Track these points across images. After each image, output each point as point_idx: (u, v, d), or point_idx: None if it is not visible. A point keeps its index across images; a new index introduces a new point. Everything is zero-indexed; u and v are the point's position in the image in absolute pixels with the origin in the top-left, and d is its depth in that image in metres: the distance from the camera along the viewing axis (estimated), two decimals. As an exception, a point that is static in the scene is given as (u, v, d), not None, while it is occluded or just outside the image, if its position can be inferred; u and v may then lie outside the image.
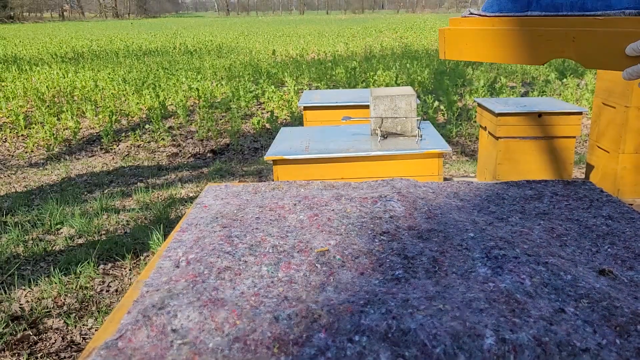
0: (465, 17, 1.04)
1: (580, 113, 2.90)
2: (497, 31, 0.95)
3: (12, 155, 5.13)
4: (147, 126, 6.00)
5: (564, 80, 7.89)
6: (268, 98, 7.24)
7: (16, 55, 14.26)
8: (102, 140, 5.42)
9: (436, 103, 6.32)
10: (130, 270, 2.69)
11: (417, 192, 1.08)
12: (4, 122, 6.27)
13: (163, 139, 5.50)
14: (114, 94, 7.79)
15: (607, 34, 0.80)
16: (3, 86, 8.54)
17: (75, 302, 2.40)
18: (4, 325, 2.20)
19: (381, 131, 2.21)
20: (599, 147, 3.05)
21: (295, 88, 7.69)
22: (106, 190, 4.01)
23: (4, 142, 5.57)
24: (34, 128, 5.93)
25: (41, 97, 7.59)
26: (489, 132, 3.19)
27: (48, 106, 7.04)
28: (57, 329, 2.21)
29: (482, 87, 7.45)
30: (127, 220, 3.32)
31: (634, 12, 0.81)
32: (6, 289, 2.49)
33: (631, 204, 2.82)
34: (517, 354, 0.57)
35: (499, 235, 0.87)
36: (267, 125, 5.98)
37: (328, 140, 2.22)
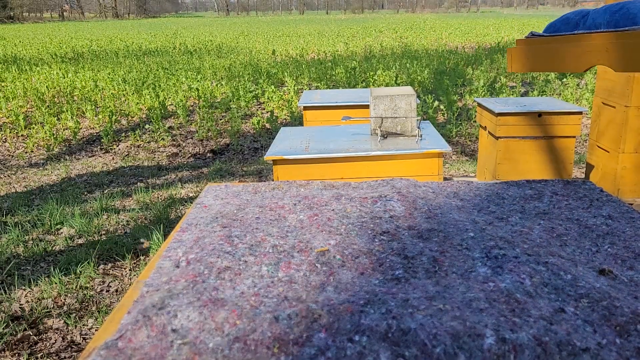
0: (528, 38, 1.27)
1: (580, 113, 2.90)
2: (551, 47, 1.18)
3: (12, 156, 5.13)
4: (147, 126, 6.00)
5: (564, 80, 7.90)
6: (268, 98, 7.24)
7: (16, 55, 14.26)
8: (102, 140, 5.42)
9: (436, 103, 6.32)
10: (130, 270, 2.70)
11: (417, 192, 1.08)
12: (4, 122, 6.27)
13: (163, 139, 5.50)
14: (113, 94, 7.79)
15: (634, 44, 0.99)
16: (3, 86, 8.54)
17: (76, 302, 2.40)
18: (4, 325, 2.20)
19: (381, 131, 2.21)
20: (598, 146, 3.05)
21: (295, 88, 7.69)
22: (106, 191, 4.01)
23: (4, 142, 5.57)
24: (34, 128, 5.93)
25: (41, 97, 7.59)
26: (488, 131, 3.19)
27: (48, 106, 7.04)
28: (57, 329, 2.21)
29: (482, 86, 7.46)
30: (127, 221, 3.32)
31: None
32: (6, 289, 2.49)
33: (631, 204, 2.82)
34: (517, 353, 0.57)
35: (499, 235, 0.87)
36: (267, 125, 5.98)
37: (328, 140, 2.22)
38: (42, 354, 2.06)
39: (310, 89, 8.31)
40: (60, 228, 3.21)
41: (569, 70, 1.18)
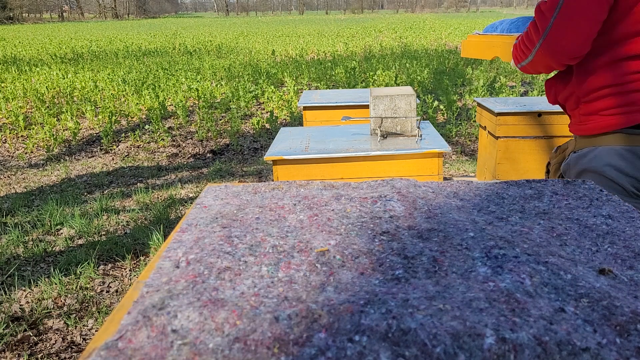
0: (473, 34, 1.85)
1: (579, 112, 2.91)
2: (482, 42, 1.78)
3: (12, 156, 5.13)
4: (146, 127, 6.00)
5: (564, 79, 7.89)
6: (268, 98, 7.24)
7: (16, 56, 14.26)
8: (102, 140, 5.42)
9: (436, 103, 6.32)
10: (130, 270, 2.70)
11: (417, 192, 1.09)
12: (4, 123, 6.27)
13: (163, 139, 5.50)
14: (113, 94, 7.79)
15: (510, 44, 1.51)
16: (3, 87, 8.54)
17: (76, 302, 2.40)
18: (5, 326, 2.20)
19: (381, 131, 2.21)
20: (598, 146, 3.06)
21: (295, 88, 7.69)
22: (106, 191, 4.01)
23: (4, 143, 5.57)
24: (33, 129, 5.93)
25: (41, 97, 7.59)
26: (488, 131, 3.19)
27: (48, 107, 7.04)
28: (57, 329, 2.21)
29: (482, 86, 7.46)
30: (127, 221, 3.32)
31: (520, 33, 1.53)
32: (6, 289, 2.49)
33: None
34: (517, 353, 0.57)
35: (499, 234, 0.88)
36: (267, 126, 5.98)
37: (328, 140, 2.22)
38: (42, 354, 2.06)
39: (310, 89, 8.31)
40: (60, 229, 3.21)
41: (486, 58, 1.76)
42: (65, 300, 2.42)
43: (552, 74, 1.42)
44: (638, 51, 1.15)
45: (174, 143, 5.47)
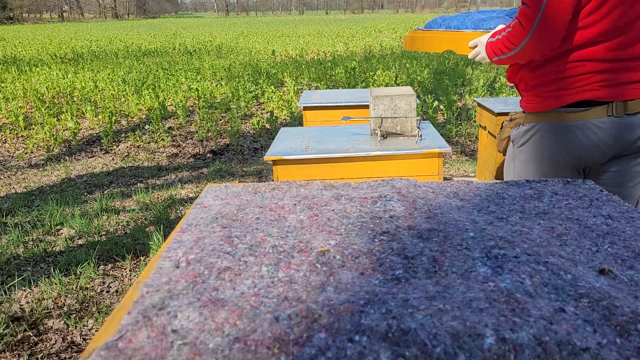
0: (415, 30, 2.04)
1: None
2: (425, 36, 1.98)
3: (12, 156, 5.13)
4: (146, 127, 6.00)
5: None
6: (268, 98, 7.24)
7: (16, 56, 14.26)
8: (102, 140, 5.42)
9: (436, 103, 6.32)
10: (130, 270, 2.70)
11: (417, 192, 1.08)
12: (4, 123, 6.27)
13: (163, 139, 5.51)
14: (113, 94, 7.80)
15: (465, 38, 1.77)
16: (3, 87, 8.54)
17: (76, 302, 2.40)
18: (5, 326, 2.20)
19: (381, 131, 2.21)
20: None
21: (295, 88, 7.69)
22: (106, 191, 4.01)
23: (4, 143, 5.57)
24: (33, 129, 5.93)
25: (41, 97, 7.59)
26: (488, 131, 3.19)
27: (48, 107, 7.04)
28: (57, 329, 2.21)
29: (482, 86, 7.46)
30: (127, 221, 3.32)
31: (474, 30, 1.77)
32: (6, 289, 2.49)
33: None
34: (518, 353, 0.57)
35: (499, 234, 0.88)
36: (267, 126, 5.98)
37: (328, 140, 2.22)
38: (42, 354, 2.06)
39: (310, 89, 8.31)
40: (60, 229, 3.21)
41: (433, 50, 1.97)
42: (65, 300, 2.42)
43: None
44: (570, 47, 1.45)
45: (174, 143, 5.47)
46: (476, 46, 1.69)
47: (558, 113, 1.50)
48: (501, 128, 1.78)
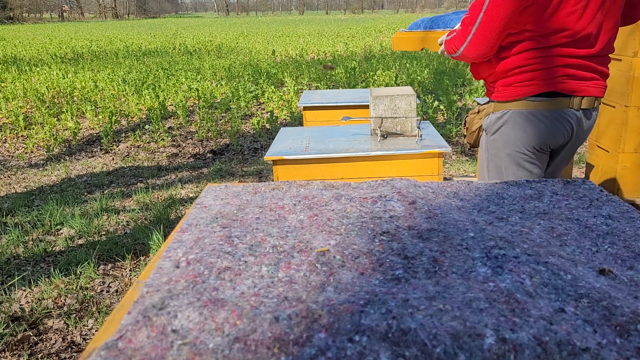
0: (401, 32, 2.21)
1: (580, 112, 2.90)
2: (410, 37, 2.15)
3: (12, 156, 5.14)
4: (147, 126, 6.00)
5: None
6: (268, 98, 7.24)
7: (16, 55, 14.27)
8: (102, 140, 5.42)
9: (436, 103, 6.32)
10: (130, 270, 2.70)
11: (417, 192, 1.08)
12: (4, 123, 6.27)
13: (163, 139, 5.51)
14: (113, 94, 7.80)
15: (435, 37, 2.00)
16: (3, 87, 8.54)
17: (76, 302, 2.40)
18: (4, 326, 2.20)
19: (381, 131, 2.21)
20: (598, 146, 3.05)
21: (295, 88, 7.69)
22: (106, 191, 4.01)
23: (4, 142, 5.57)
24: (33, 129, 5.93)
25: (41, 97, 7.59)
26: (488, 131, 3.18)
27: (48, 107, 7.04)
28: (57, 329, 2.21)
29: (482, 86, 7.46)
30: (127, 221, 3.32)
31: (444, 29, 2.02)
32: (6, 289, 2.49)
33: (632, 203, 2.82)
34: (518, 353, 0.57)
35: (499, 235, 0.88)
36: (267, 126, 5.98)
37: (328, 140, 2.22)
38: (42, 354, 2.06)
39: (310, 89, 8.31)
40: (60, 228, 3.21)
41: (413, 49, 2.16)
42: (65, 300, 2.42)
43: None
44: (544, 43, 1.60)
45: (174, 143, 5.47)
46: (442, 45, 1.89)
47: (528, 101, 1.65)
48: (464, 124, 1.96)
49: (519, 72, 1.65)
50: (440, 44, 1.90)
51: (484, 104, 1.86)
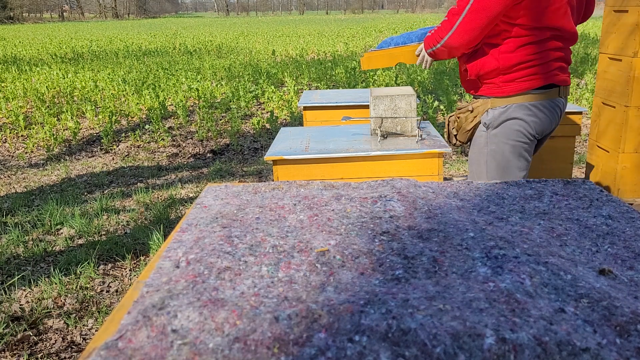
0: (369, 51, 2.22)
1: (580, 113, 2.90)
2: (379, 55, 2.18)
3: (12, 156, 5.14)
4: (147, 126, 6.00)
5: (564, 79, 7.89)
6: (268, 98, 7.24)
7: (16, 55, 14.26)
8: (102, 140, 5.43)
9: (436, 103, 6.32)
10: (130, 270, 2.70)
11: (417, 192, 1.08)
12: (4, 123, 6.27)
13: (163, 139, 5.51)
14: (113, 94, 7.80)
15: (412, 50, 2.06)
16: (3, 87, 8.54)
17: (76, 302, 2.40)
18: (4, 325, 2.20)
19: (381, 131, 2.21)
20: (598, 146, 3.05)
21: (295, 88, 7.69)
22: (106, 191, 4.01)
23: (4, 142, 5.57)
24: (33, 128, 5.93)
25: (41, 97, 7.59)
26: (488, 131, 3.18)
27: (48, 107, 7.04)
28: (57, 329, 2.21)
29: (482, 86, 7.44)
30: (127, 221, 3.32)
31: (419, 42, 2.03)
32: (6, 289, 2.49)
33: (631, 204, 2.82)
34: (517, 353, 0.57)
35: (499, 235, 0.88)
36: (267, 126, 5.98)
37: (328, 140, 2.22)
38: (42, 354, 2.06)
39: (310, 89, 8.31)
40: (60, 228, 3.21)
41: (387, 65, 2.18)
42: (65, 300, 2.42)
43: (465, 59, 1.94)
44: (540, 38, 1.70)
45: (174, 143, 5.47)
46: (419, 55, 2.00)
47: (530, 95, 1.77)
48: (450, 124, 2.03)
49: (522, 68, 1.73)
50: (418, 55, 2.01)
51: (467, 102, 1.96)
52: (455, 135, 2.00)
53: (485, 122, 1.85)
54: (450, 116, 2.03)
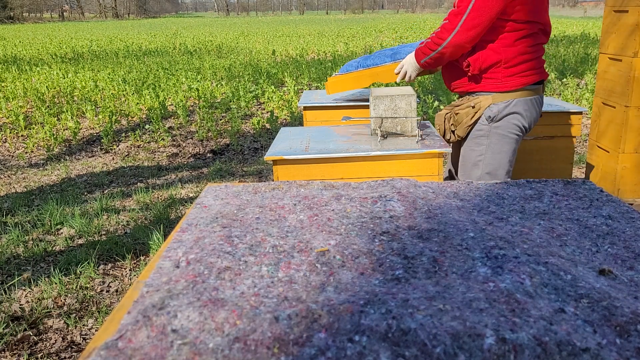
0: (335, 76, 2.46)
1: (580, 113, 2.90)
2: (345, 78, 2.48)
3: (12, 156, 5.14)
4: (147, 126, 6.00)
5: (564, 80, 7.90)
6: (268, 98, 7.24)
7: (16, 55, 14.26)
8: (102, 140, 5.43)
9: (436, 103, 6.32)
10: (130, 270, 2.70)
11: (417, 192, 1.08)
12: (4, 123, 6.27)
13: (163, 139, 5.51)
14: (113, 94, 7.80)
15: (386, 69, 2.30)
16: (3, 86, 8.54)
17: (76, 302, 2.40)
18: (4, 325, 2.20)
19: (381, 131, 2.21)
20: (598, 146, 3.05)
21: (295, 88, 7.69)
22: (106, 191, 4.01)
23: (4, 142, 5.57)
24: (34, 128, 5.93)
25: (41, 97, 7.59)
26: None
27: (48, 106, 7.04)
28: (57, 329, 2.21)
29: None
30: (127, 221, 3.32)
31: (393, 61, 2.26)
32: (6, 289, 2.49)
33: (631, 204, 2.82)
34: (517, 353, 0.57)
35: (499, 235, 0.88)
36: (267, 126, 5.98)
37: (328, 140, 2.22)
38: (42, 354, 2.06)
39: (310, 89, 8.31)
40: (60, 228, 3.21)
41: (360, 87, 2.46)
42: (65, 299, 2.42)
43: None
44: (531, 31, 1.81)
45: (174, 143, 5.47)
46: (400, 72, 2.12)
47: (528, 90, 1.89)
48: (445, 119, 2.10)
49: (522, 61, 1.84)
50: (398, 73, 2.13)
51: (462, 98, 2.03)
52: (453, 132, 2.07)
53: (490, 115, 1.93)
54: (447, 113, 2.09)
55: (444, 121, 2.10)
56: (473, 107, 1.96)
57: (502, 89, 1.88)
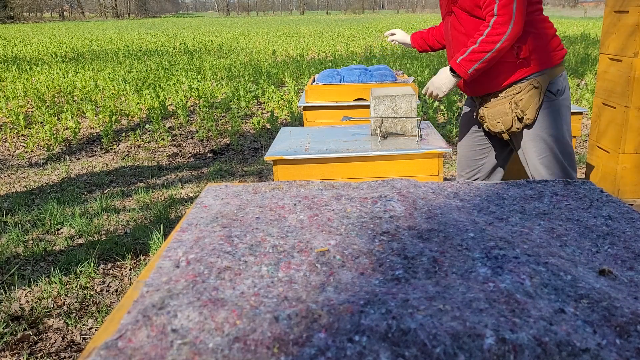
0: (314, 84, 2.62)
1: (580, 113, 2.90)
2: (325, 89, 2.74)
3: (12, 156, 5.14)
4: (147, 126, 6.00)
5: (564, 80, 7.89)
6: (268, 98, 7.24)
7: (16, 55, 14.26)
8: (102, 140, 5.43)
9: (436, 103, 6.32)
10: (130, 270, 2.70)
11: (417, 192, 1.08)
12: (4, 122, 6.27)
13: (163, 139, 5.51)
14: (114, 94, 7.80)
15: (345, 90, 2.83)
16: (3, 86, 8.54)
17: (76, 302, 2.40)
18: (4, 325, 2.20)
19: (381, 131, 2.21)
20: (599, 147, 3.05)
21: (296, 88, 7.69)
22: (106, 190, 4.01)
23: (4, 142, 5.57)
24: (34, 128, 5.93)
25: (41, 97, 7.59)
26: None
27: (48, 106, 7.04)
28: (57, 329, 2.21)
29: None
30: (127, 221, 3.33)
31: (379, 80, 3.02)
32: (6, 289, 2.49)
33: (631, 204, 2.82)
34: (517, 353, 0.57)
35: (499, 235, 0.88)
36: (267, 126, 5.98)
37: (328, 140, 2.22)
38: (42, 353, 2.06)
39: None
40: (60, 228, 3.21)
41: (343, 100, 2.66)
42: (65, 299, 2.42)
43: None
44: (541, 11, 1.92)
45: (175, 143, 5.47)
46: (427, 92, 2.07)
47: (562, 65, 1.98)
48: (513, 107, 2.01)
49: (554, 35, 1.94)
50: (425, 94, 2.07)
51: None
52: (520, 119, 1.97)
53: (558, 89, 1.95)
54: (508, 103, 1.97)
55: (509, 112, 1.97)
56: (536, 87, 1.93)
57: (553, 63, 1.93)
